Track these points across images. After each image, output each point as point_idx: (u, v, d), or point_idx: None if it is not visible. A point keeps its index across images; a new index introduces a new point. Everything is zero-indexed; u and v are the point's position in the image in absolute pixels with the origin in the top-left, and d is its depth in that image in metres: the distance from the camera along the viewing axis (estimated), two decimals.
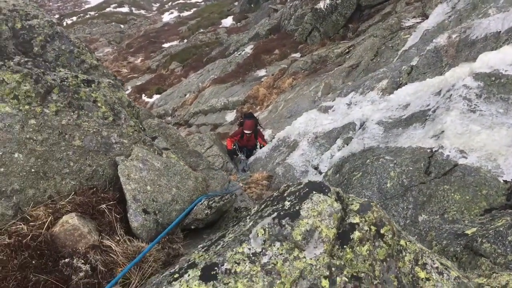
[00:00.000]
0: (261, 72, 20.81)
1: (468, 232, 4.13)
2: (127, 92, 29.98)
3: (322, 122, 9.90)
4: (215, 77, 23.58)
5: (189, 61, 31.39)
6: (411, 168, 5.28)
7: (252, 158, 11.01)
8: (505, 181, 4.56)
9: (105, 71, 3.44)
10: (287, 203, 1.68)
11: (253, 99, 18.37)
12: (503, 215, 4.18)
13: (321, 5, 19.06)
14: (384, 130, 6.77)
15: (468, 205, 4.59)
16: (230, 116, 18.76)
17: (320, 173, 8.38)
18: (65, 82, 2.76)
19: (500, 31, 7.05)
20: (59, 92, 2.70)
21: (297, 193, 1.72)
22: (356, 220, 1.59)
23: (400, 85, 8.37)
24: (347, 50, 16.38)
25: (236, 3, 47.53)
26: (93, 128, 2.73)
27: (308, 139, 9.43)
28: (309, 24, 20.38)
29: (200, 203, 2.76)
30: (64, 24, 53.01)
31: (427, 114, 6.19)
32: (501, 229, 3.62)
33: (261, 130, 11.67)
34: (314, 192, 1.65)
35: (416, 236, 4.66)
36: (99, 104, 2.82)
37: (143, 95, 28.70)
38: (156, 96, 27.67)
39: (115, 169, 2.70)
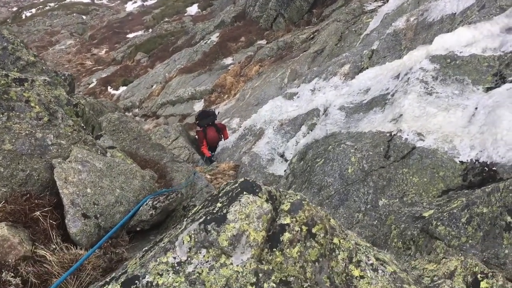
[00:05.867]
0: (228, 60, 20.57)
1: (425, 214, 4.17)
2: (92, 85, 29.13)
3: (287, 109, 9.86)
4: (182, 66, 23.15)
5: (155, 51, 30.69)
6: (371, 153, 5.30)
7: (219, 148, 10.91)
8: (461, 162, 4.62)
9: (44, 67, 3.23)
10: (218, 205, 1.59)
11: (220, 88, 18.17)
12: (459, 195, 4.25)
13: None
14: (346, 116, 6.78)
15: (426, 187, 4.64)
16: (198, 105, 18.52)
17: (286, 160, 8.35)
18: None
19: (456, 13, 7.12)
20: None
21: (229, 194, 1.64)
22: (286, 220, 1.52)
23: (362, 70, 8.39)
24: (312, 36, 16.33)
25: None
26: (26, 130, 2.55)
27: (273, 127, 9.39)
28: (274, 10, 20.22)
29: (145, 203, 2.65)
30: (23, 16, 50.74)
31: (387, 98, 6.22)
32: (455, 211, 3.66)
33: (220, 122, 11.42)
34: (244, 193, 1.56)
35: (376, 221, 4.70)
36: (32, 104, 2.64)
37: (109, 87, 27.92)
38: (122, 88, 26.97)
39: (52, 172, 2.54)
